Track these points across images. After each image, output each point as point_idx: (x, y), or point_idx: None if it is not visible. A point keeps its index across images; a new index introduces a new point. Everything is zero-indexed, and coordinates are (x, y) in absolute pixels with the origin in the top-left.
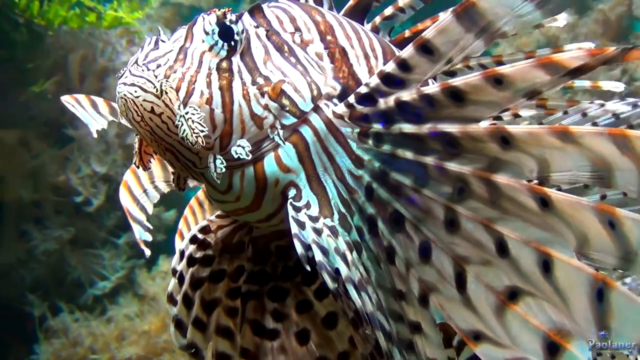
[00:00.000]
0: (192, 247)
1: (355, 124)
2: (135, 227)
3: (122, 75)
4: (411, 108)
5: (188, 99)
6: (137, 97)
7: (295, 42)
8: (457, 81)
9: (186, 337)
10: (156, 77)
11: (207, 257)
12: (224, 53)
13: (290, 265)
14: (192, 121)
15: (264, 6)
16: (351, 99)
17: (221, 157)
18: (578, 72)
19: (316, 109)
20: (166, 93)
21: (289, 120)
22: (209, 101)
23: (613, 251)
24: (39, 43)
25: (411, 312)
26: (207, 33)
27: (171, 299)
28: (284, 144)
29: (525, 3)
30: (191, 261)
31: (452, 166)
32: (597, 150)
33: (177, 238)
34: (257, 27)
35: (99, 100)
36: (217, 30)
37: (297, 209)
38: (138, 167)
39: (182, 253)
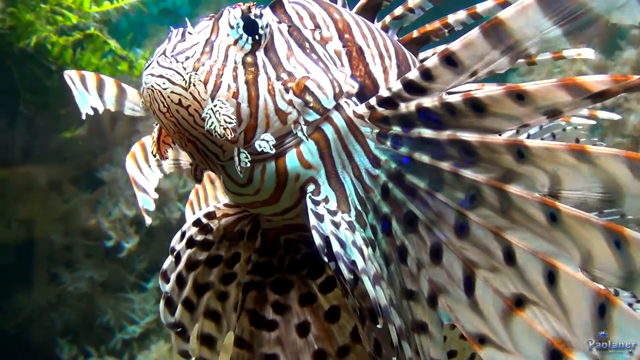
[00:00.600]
0: (194, 230)
1: (375, 124)
2: (140, 195)
3: (149, 66)
4: (432, 114)
5: (216, 92)
6: (165, 88)
7: (316, 39)
8: (479, 92)
9: (174, 316)
10: (185, 69)
11: (207, 242)
12: (248, 47)
13: (297, 259)
14: (220, 114)
15: (285, 1)
16: (372, 100)
17: (245, 151)
18: (600, 96)
19: (337, 107)
20: (194, 85)
21: (312, 116)
22: (236, 95)
23: (616, 271)
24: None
25: (419, 312)
26: (232, 27)
27: (164, 276)
28: (307, 140)
29: (553, 27)
30: (190, 243)
31: (467, 173)
32: (610, 172)
33: (187, 208)
34: (279, 22)
35: (108, 81)
36: (241, 23)
37: (316, 203)
38: (155, 156)
39: (183, 234)
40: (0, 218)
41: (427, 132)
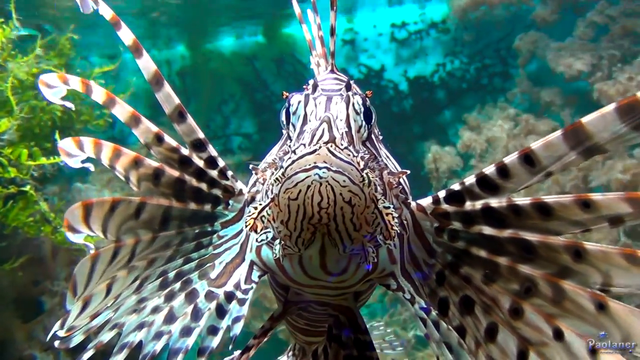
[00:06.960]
0: None
1: (435, 218)
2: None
3: (314, 153)
4: (496, 214)
5: (382, 191)
6: (345, 186)
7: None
8: (548, 198)
9: None
10: (358, 164)
11: None
12: (365, 135)
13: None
14: (391, 215)
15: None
16: (441, 194)
17: (372, 247)
18: None
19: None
20: (369, 186)
21: (405, 210)
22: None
23: None
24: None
25: None
26: (357, 113)
27: None
28: (407, 233)
29: (623, 126)
30: None
31: (525, 268)
32: None
33: None
34: None
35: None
36: (362, 110)
37: (412, 302)
38: (247, 227)
39: None
40: None
41: (488, 230)
